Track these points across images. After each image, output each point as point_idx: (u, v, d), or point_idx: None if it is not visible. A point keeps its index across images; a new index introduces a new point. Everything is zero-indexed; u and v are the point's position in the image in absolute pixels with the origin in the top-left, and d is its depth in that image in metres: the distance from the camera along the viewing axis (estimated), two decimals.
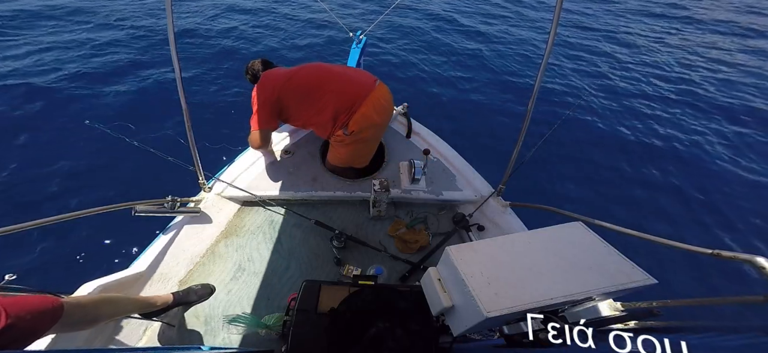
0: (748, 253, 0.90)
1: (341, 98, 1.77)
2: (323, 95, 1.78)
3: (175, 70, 1.44)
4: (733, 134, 4.49)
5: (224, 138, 3.02)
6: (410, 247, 1.73)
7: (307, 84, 1.80)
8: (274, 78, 1.81)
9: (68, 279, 2.27)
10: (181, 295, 1.37)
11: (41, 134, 3.39)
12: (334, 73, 1.84)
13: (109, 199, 1.43)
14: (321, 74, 1.82)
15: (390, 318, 0.85)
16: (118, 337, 1.32)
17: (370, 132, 1.86)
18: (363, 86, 1.80)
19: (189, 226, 1.71)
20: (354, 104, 1.76)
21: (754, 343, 0.74)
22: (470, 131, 3.96)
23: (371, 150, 2.02)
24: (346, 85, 1.80)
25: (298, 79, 1.80)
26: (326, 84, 1.79)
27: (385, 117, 1.92)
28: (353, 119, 1.76)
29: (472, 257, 0.79)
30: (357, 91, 1.78)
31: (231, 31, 5.96)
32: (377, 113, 1.82)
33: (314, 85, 1.79)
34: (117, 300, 1.16)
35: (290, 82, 1.79)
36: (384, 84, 1.90)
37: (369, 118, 1.79)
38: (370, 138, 1.90)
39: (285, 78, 1.80)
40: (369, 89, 1.80)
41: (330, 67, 1.88)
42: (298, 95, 1.80)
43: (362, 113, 1.76)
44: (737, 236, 3.18)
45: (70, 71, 4.32)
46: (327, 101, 1.78)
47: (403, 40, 6.22)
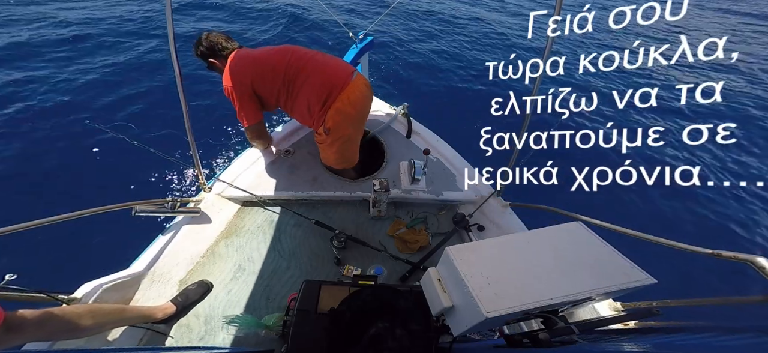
0: (748, 253, 0.90)
1: (315, 85, 1.68)
2: (296, 80, 1.69)
3: (175, 70, 1.44)
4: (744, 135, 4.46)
5: (225, 138, 3.03)
6: (410, 247, 1.74)
7: (277, 68, 1.69)
8: (241, 65, 1.70)
9: (68, 279, 2.27)
10: (181, 301, 1.35)
11: (41, 133, 3.39)
12: (308, 57, 1.72)
13: (109, 199, 1.43)
14: (295, 58, 1.70)
15: (390, 317, 0.85)
16: (118, 338, 1.32)
17: (349, 129, 1.80)
18: (339, 78, 1.69)
19: (189, 226, 1.70)
20: (329, 95, 1.68)
21: (754, 343, 0.74)
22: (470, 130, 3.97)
23: (356, 148, 1.96)
24: (322, 73, 1.69)
25: (267, 61, 1.70)
26: (300, 69, 1.69)
27: (363, 113, 1.84)
28: (329, 115, 1.71)
29: (471, 257, 0.79)
30: (332, 82, 1.68)
31: (231, 30, 5.95)
32: (353, 108, 1.73)
33: (286, 70, 1.69)
34: (107, 312, 1.12)
35: (258, 66, 1.69)
36: (362, 76, 1.81)
37: (346, 114, 1.72)
38: (351, 135, 1.84)
39: (252, 62, 1.70)
40: (345, 83, 1.69)
41: (305, 52, 1.76)
42: (269, 79, 1.70)
43: (337, 109, 1.69)
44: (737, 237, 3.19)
45: (70, 71, 4.32)
46: (300, 87, 1.70)
47: (409, 38, 6.23)
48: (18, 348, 0.96)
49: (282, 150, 2.11)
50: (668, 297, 1.14)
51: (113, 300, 1.33)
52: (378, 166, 2.10)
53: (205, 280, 1.48)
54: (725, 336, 0.78)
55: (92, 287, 1.25)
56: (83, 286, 1.25)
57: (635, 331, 1.15)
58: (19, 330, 0.87)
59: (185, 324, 1.40)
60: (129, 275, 1.42)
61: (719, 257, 0.96)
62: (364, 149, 2.17)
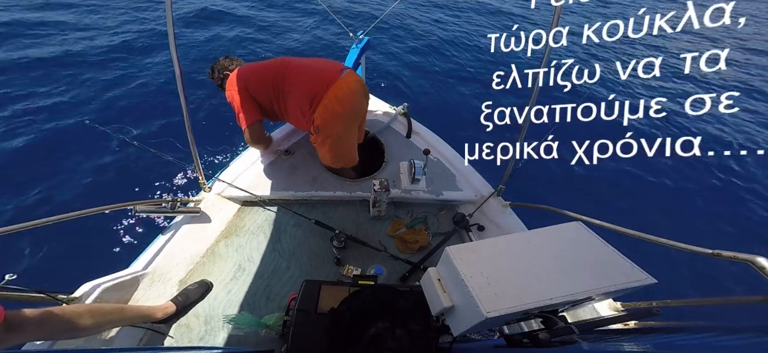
0: (748, 253, 0.90)
1: (302, 88, 1.75)
2: (283, 85, 1.78)
3: (175, 70, 1.44)
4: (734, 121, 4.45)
5: (225, 138, 3.03)
6: (410, 247, 1.74)
7: (266, 77, 1.80)
8: (239, 74, 1.83)
9: (68, 279, 2.27)
10: (181, 301, 1.35)
11: (41, 134, 3.39)
12: (294, 63, 1.83)
13: (109, 199, 1.43)
14: (281, 67, 1.81)
15: (390, 317, 0.85)
16: (118, 338, 1.31)
17: (339, 127, 1.79)
18: (325, 76, 1.73)
19: (189, 226, 1.70)
20: (316, 94, 1.71)
21: (754, 343, 0.74)
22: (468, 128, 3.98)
23: (352, 146, 1.95)
24: (306, 75, 1.76)
25: (259, 73, 1.82)
26: (286, 76, 1.78)
27: (354, 110, 1.82)
28: (317, 113, 1.72)
29: (471, 257, 0.79)
30: (318, 80, 1.72)
31: (232, 31, 5.95)
32: (341, 105, 1.73)
33: (274, 78, 1.79)
34: (107, 311, 1.11)
35: (254, 74, 1.82)
36: (353, 73, 1.81)
37: (333, 111, 1.72)
38: (342, 134, 1.83)
39: (249, 70, 1.84)
40: (332, 79, 1.71)
41: (292, 59, 1.86)
42: (261, 88, 1.81)
43: (325, 106, 1.70)
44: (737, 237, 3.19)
45: (70, 71, 4.32)
46: (287, 90, 1.78)
47: (408, 38, 6.23)
48: (18, 348, 0.96)
49: (282, 150, 2.11)
50: (668, 297, 1.14)
51: (113, 300, 1.33)
52: (378, 166, 2.10)
53: (205, 280, 1.48)
54: (725, 336, 0.78)
55: (92, 287, 1.25)
56: (83, 286, 1.25)
57: (635, 331, 1.15)
58: (19, 329, 0.87)
59: (185, 324, 1.40)
60: (129, 275, 1.42)
61: (719, 257, 0.95)
62: (364, 149, 2.17)
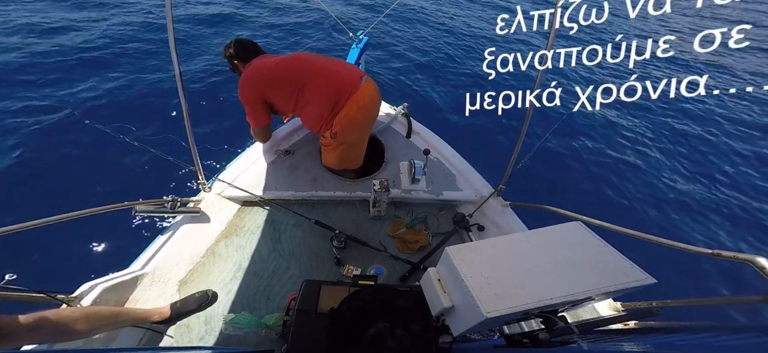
0: (748, 253, 0.90)
1: (324, 95, 1.72)
2: (306, 89, 1.73)
3: (175, 70, 1.44)
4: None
5: (225, 138, 3.02)
6: (410, 247, 1.73)
7: (288, 78, 1.74)
8: (255, 77, 1.75)
9: (68, 279, 2.27)
10: (179, 306, 1.33)
11: (41, 133, 3.39)
12: (317, 66, 1.77)
13: (109, 199, 1.43)
14: (304, 68, 1.76)
15: (390, 317, 0.85)
16: (118, 338, 1.31)
17: (356, 135, 1.83)
18: (347, 83, 1.72)
19: (189, 226, 1.70)
20: (338, 101, 1.71)
21: (754, 343, 0.74)
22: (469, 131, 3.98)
23: (361, 152, 1.99)
24: (330, 80, 1.72)
25: (280, 73, 1.75)
26: (309, 78, 1.73)
27: (371, 118, 1.87)
28: (337, 119, 1.73)
29: (471, 257, 0.79)
30: (341, 88, 1.71)
31: (231, 29, 5.95)
32: (362, 114, 1.76)
33: (296, 80, 1.73)
34: (102, 315, 1.11)
35: (272, 76, 1.74)
36: (371, 81, 1.82)
37: (353, 119, 1.74)
38: (356, 141, 1.87)
39: (265, 76, 1.74)
40: (354, 87, 1.72)
41: (314, 60, 1.80)
42: (281, 90, 1.76)
43: (346, 114, 1.72)
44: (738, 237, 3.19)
45: (70, 71, 4.32)
46: (309, 96, 1.74)
47: (408, 37, 6.23)
48: (17, 349, 0.96)
49: (282, 150, 2.11)
50: (668, 297, 1.14)
51: (113, 300, 1.33)
52: (378, 166, 2.10)
53: (209, 291, 1.43)
54: (725, 336, 0.78)
55: (92, 287, 1.25)
56: (83, 286, 1.25)
57: (635, 331, 1.15)
58: (11, 336, 0.87)
59: (185, 324, 1.40)
60: (129, 275, 1.42)
61: (719, 257, 0.96)
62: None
